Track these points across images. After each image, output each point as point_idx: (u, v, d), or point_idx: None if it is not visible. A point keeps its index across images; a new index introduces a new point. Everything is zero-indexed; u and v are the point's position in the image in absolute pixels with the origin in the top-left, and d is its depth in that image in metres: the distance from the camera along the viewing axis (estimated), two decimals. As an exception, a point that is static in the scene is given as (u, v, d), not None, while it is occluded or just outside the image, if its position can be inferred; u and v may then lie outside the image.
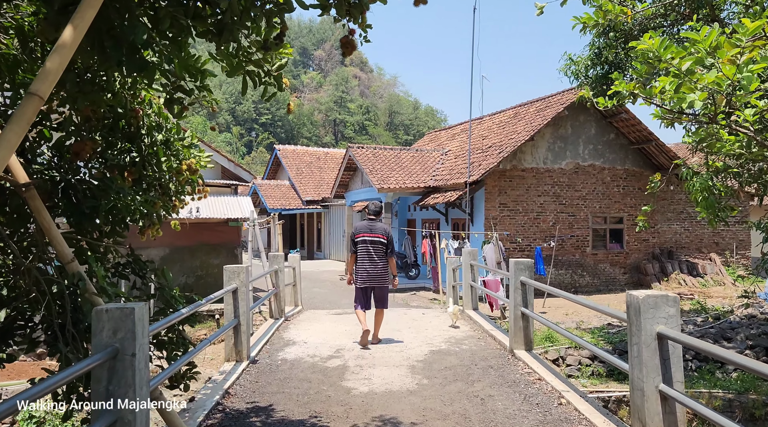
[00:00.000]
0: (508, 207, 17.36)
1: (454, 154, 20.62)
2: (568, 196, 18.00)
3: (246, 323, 6.92)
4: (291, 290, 12.83)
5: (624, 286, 18.33)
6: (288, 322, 10.08)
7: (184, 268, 15.69)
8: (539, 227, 17.72)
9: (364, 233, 7.77)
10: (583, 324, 13.36)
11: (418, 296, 17.69)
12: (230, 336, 6.89)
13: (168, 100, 4.56)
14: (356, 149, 20.53)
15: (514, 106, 20.98)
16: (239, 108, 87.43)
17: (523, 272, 7.30)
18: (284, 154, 30.60)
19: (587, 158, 18.18)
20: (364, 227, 7.84)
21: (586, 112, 18.12)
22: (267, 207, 27.41)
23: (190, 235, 15.69)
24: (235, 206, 15.49)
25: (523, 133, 17.45)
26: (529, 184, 17.59)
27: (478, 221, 17.44)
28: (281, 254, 10.21)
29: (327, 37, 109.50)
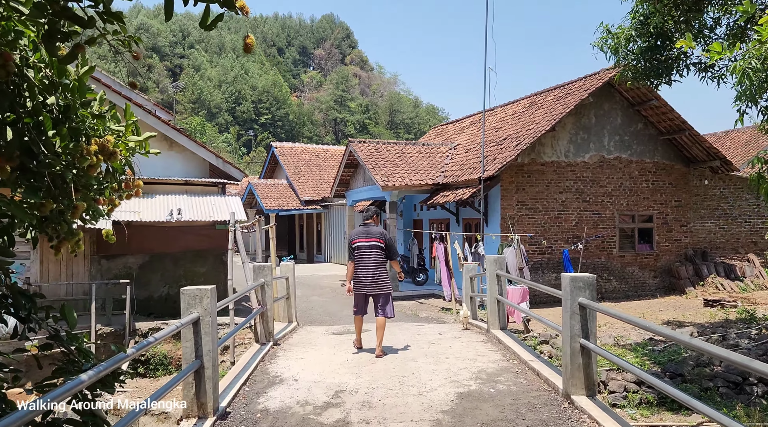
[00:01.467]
0: (526, 205, 15.50)
1: (464, 147, 18.76)
2: (593, 192, 16.13)
3: (212, 365, 5.07)
4: (284, 304, 10.99)
5: (654, 291, 16.46)
6: (277, 347, 8.22)
7: (165, 277, 13.84)
8: (561, 226, 15.85)
9: (360, 239, 7.59)
10: (622, 339, 11.50)
11: (427, 305, 15.83)
12: (190, 383, 5.03)
13: (47, 34, 2.69)
14: (357, 144, 18.68)
15: (529, 95, 19.10)
16: (239, 108, 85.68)
17: (583, 292, 5.44)
18: (282, 152, 28.75)
19: (613, 150, 16.31)
20: (360, 233, 7.65)
21: (611, 100, 16.25)
22: (263, 208, 25.57)
23: (172, 240, 13.86)
24: (223, 207, 13.66)
25: (543, 123, 15.59)
26: (550, 179, 15.73)
27: (493, 221, 15.59)
28: (269, 264, 8.36)
29: (327, 36, 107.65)
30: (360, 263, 7.54)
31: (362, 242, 7.56)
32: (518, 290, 11.59)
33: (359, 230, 7.69)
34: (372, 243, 7.53)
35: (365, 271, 7.50)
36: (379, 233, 7.60)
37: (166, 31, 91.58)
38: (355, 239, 7.61)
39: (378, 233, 7.61)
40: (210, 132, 78.96)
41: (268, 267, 8.35)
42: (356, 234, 7.66)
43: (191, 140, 15.20)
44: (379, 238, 7.56)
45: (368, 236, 7.56)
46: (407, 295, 17.14)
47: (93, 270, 13.20)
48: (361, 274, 7.53)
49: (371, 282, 7.51)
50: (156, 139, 14.93)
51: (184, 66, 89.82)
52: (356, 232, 7.71)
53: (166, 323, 12.75)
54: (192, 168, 15.34)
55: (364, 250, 7.52)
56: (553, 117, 15.45)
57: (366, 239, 7.55)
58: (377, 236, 7.56)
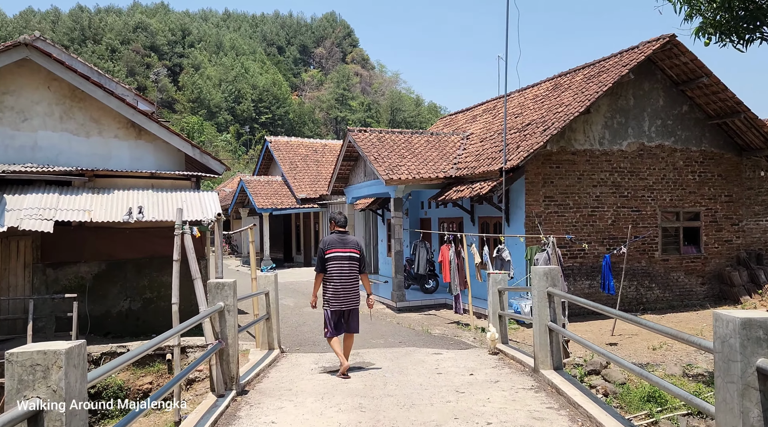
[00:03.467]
0: (555, 201, 12.99)
1: (479, 137, 16.25)
2: (631, 185, 13.62)
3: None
4: (263, 327, 8.51)
5: (703, 300, 13.93)
6: (241, 399, 5.72)
7: (127, 289, 11.35)
8: (595, 226, 13.34)
9: (336, 248, 6.88)
10: (690, 367, 8.98)
11: (439, 318, 13.31)
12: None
13: None
14: (357, 133, 16.18)
15: (552, 77, 16.58)
16: (239, 107, 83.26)
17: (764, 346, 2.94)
18: (276, 146, 26.25)
19: (654, 137, 13.79)
20: (335, 241, 6.92)
21: (652, 78, 13.72)
22: (255, 207, 23.07)
23: (135, 244, 11.37)
24: (195, 204, 11.17)
25: (574, 104, 13.07)
26: (582, 171, 13.22)
27: (515, 220, 13.08)
28: (230, 281, 5.85)
29: (327, 34, 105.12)
30: (336, 276, 6.81)
31: (338, 252, 6.83)
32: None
33: (334, 239, 6.91)
34: (348, 254, 6.86)
35: (343, 284, 6.81)
36: (355, 243, 7.04)
37: (165, 30, 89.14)
38: (331, 247, 6.84)
39: (354, 242, 7.04)
40: (209, 131, 76.55)
41: (228, 286, 5.84)
42: (331, 243, 6.88)
43: (162, 127, 12.71)
44: (355, 248, 6.97)
45: (345, 246, 6.88)
46: (415, 305, 14.65)
47: (36, 282, 10.71)
48: (337, 288, 6.81)
49: (349, 296, 6.86)
50: (121, 126, 12.52)
51: (183, 65, 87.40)
52: (330, 240, 6.91)
53: (124, 345, 10.27)
54: (165, 160, 12.87)
55: (341, 261, 6.81)
56: (586, 97, 12.93)
57: (342, 249, 6.85)
58: (354, 246, 6.97)
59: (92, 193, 10.88)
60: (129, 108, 12.36)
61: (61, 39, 77.68)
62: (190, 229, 8.72)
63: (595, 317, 12.27)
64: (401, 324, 12.51)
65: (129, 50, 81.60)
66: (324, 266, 6.86)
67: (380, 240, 20.83)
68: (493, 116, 17.28)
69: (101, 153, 12.42)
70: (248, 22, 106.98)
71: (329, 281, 6.87)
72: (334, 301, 6.88)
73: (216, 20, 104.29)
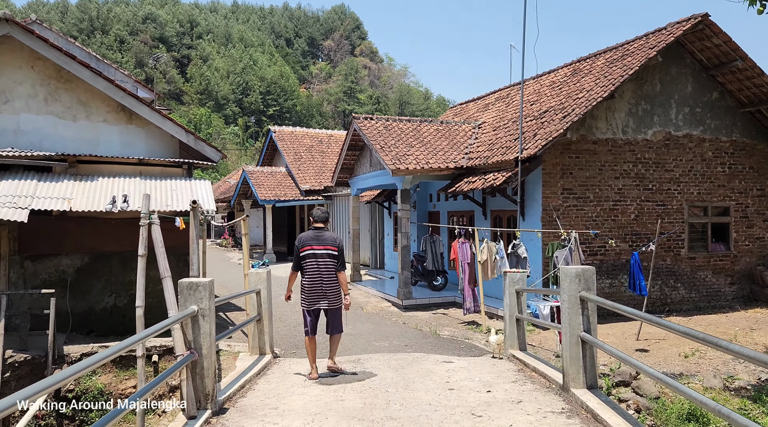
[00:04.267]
0: (574, 193, 11.98)
1: (491, 125, 15.22)
2: (656, 177, 12.58)
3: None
4: (254, 329, 7.60)
5: (732, 301, 12.90)
6: (216, 422, 4.80)
7: (112, 284, 10.47)
8: (617, 221, 12.32)
9: (312, 245, 6.60)
10: (731, 380, 7.98)
11: (448, 318, 12.36)
12: None
13: None
14: (363, 121, 15.20)
15: (571, 63, 15.51)
16: (247, 99, 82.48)
17: None
18: (280, 136, 25.31)
19: (681, 126, 12.73)
20: (310, 238, 6.65)
21: (680, 62, 12.65)
22: (258, 198, 22.16)
23: (121, 236, 10.46)
24: (186, 193, 10.25)
25: (596, 89, 12.03)
26: (604, 161, 12.19)
27: (531, 214, 12.09)
28: (205, 281, 4.92)
29: (336, 26, 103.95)
30: (310, 274, 6.60)
31: (313, 249, 6.62)
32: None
33: (309, 235, 6.72)
34: (325, 251, 6.63)
35: (316, 282, 6.59)
36: (332, 239, 6.73)
37: (174, 21, 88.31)
38: (306, 245, 6.64)
39: (331, 238, 6.73)
40: (217, 123, 75.79)
41: (203, 285, 4.91)
42: (306, 239, 6.67)
43: (154, 111, 11.78)
44: (332, 245, 6.68)
45: (321, 242, 6.65)
46: (423, 303, 13.70)
47: (13, 275, 9.84)
48: (312, 286, 6.61)
49: (324, 295, 6.61)
50: (110, 110, 11.63)
51: (192, 57, 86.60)
52: (306, 237, 6.70)
53: (106, 345, 9.39)
54: (158, 146, 11.97)
55: (317, 258, 6.60)
56: (609, 82, 11.89)
57: (318, 245, 6.63)
58: (331, 243, 6.68)
59: (74, 181, 9.98)
60: (118, 90, 11.44)
61: (69, 30, 77.04)
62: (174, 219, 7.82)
63: (616, 318, 11.27)
64: (407, 324, 11.58)
65: (137, 41, 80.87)
66: (300, 264, 6.65)
67: (386, 234, 19.89)
68: (507, 104, 16.25)
69: (89, 138, 11.52)
70: (257, 14, 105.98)
71: (305, 279, 6.64)
72: (309, 300, 6.62)
73: (224, 12, 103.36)
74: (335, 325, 6.78)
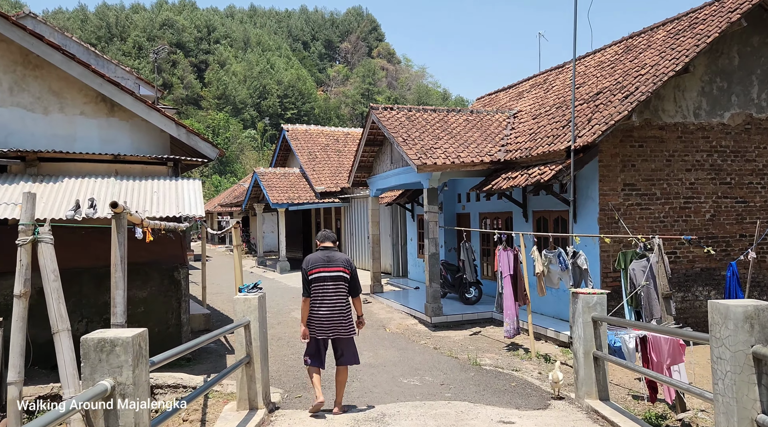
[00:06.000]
0: (637, 190, 9.82)
1: (530, 114, 13.10)
2: (735, 169, 10.37)
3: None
4: (242, 376, 5.60)
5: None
6: None
7: (82, 306, 8.56)
8: (689, 222, 10.13)
9: (320, 268, 5.79)
10: None
11: (487, 340, 10.26)
12: None
13: None
14: (383, 111, 13.18)
15: (621, 40, 13.30)
16: (264, 103, 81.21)
17: None
18: (294, 135, 23.40)
19: (765, 107, 10.50)
20: (319, 259, 5.83)
21: (762, 31, 10.42)
22: (269, 201, 20.26)
23: (94, 249, 8.55)
24: (170, 196, 8.34)
25: (664, 63, 9.86)
26: (672, 150, 10.02)
27: (585, 215, 9.95)
28: (125, 337, 2.93)
29: (353, 29, 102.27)
30: (321, 299, 5.72)
31: (323, 271, 5.76)
32: (664, 342, 5.87)
33: (318, 257, 5.84)
34: (336, 273, 5.78)
35: (328, 309, 5.71)
36: (344, 261, 5.90)
37: (191, 27, 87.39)
38: (314, 267, 5.77)
39: (343, 260, 5.90)
40: (235, 127, 74.52)
41: (126, 344, 2.89)
42: (314, 262, 5.80)
43: (139, 101, 9.88)
44: (344, 267, 5.85)
45: (331, 264, 5.79)
46: (454, 320, 11.61)
47: (-41, 298, 7.99)
48: (321, 313, 5.71)
49: (335, 324, 5.72)
50: (88, 101, 9.81)
51: (209, 62, 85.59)
52: (314, 259, 5.84)
53: (70, 385, 7.44)
54: (145, 142, 10.11)
55: (327, 282, 5.74)
56: (680, 53, 9.71)
57: (328, 267, 5.78)
58: (342, 264, 5.85)
59: (32, 182, 8.11)
60: (96, 76, 9.57)
61: (88, 37, 76.47)
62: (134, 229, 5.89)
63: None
64: (439, 349, 9.51)
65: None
66: (309, 289, 5.77)
67: (409, 239, 17.82)
68: (546, 91, 14.10)
69: (63, 133, 9.69)
70: (274, 18, 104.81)
71: (314, 305, 5.79)
72: (318, 329, 5.77)
73: (241, 16, 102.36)
74: (348, 355, 5.91)
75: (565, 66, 14.97)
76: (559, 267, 8.61)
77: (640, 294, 6.84)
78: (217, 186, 61.67)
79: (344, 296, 5.81)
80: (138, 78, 20.39)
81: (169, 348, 7.07)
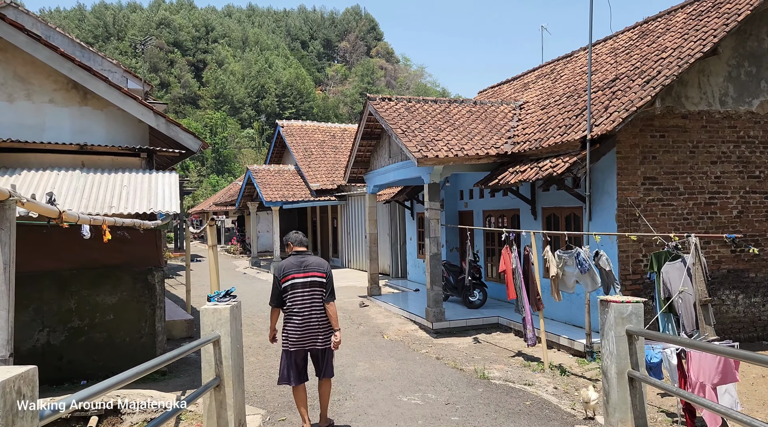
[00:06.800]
0: (658, 184, 8.90)
1: (538, 104, 12.17)
2: (764, 161, 9.46)
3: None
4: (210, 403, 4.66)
5: None
6: None
7: (44, 314, 7.60)
8: (714, 219, 9.21)
9: (295, 274, 5.29)
10: None
11: (493, 347, 9.32)
12: None
13: None
14: (380, 102, 12.25)
15: (635, 26, 12.36)
16: (262, 102, 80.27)
17: None
18: (289, 131, 22.46)
19: (797, 94, 9.58)
20: (293, 265, 5.33)
21: (793, 10, 9.49)
22: (263, 199, 19.32)
23: (56, 249, 7.62)
24: (142, 190, 7.40)
25: (689, 45, 8.94)
26: (696, 140, 9.10)
27: (601, 212, 9.03)
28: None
29: (351, 28, 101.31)
30: (297, 308, 5.22)
31: (297, 277, 5.26)
32: (712, 358, 4.92)
33: (290, 262, 5.32)
34: (311, 278, 5.29)
35: (305, 318, 5.22)
36: (318, 264, 5.38)
37: (189, 26, 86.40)
38: (287, 274, 5.26)
39: (317, 263, 5.38)
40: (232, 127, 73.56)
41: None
42: (287, 267, 5.28)
43: (113, 87, 8.96)
44: (320, 271, 5.34)
45: (306, 269, 5.30)
46: (458, 326, 10.68)
47: None
48: (299, 323, 5.21)
49: (312, 334, 5.23)
50: (59, 87, 8.92)
51: (207, 61, 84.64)
52: (286, 264, 5.31)
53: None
54: (122, 133, 9.20)
55: (303, 288, 5.25)
56: (706, 34, 8.79)
57: (303, 273, 5.28)
58: (317, 269, 5.33)
59: (-15, 174, 7.19)
60: (65, 60, 8.66)
61: (86, 37, 75.56)
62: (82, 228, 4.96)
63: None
64: (442, 360, 8.57)
65: (152, 46, 78.97)
66: (281, 298, 5.32)
67: (409, 238, 16.90)
68: (553, 80, 13.17)
69: (31, 123, 8.79)
70: (272, 17, 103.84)
71: (290, 315, 5.31)
72: (293, 338, 5.27)
73: (240, 16, 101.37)
74: (328, 368, 5.47)
75: (573, 55, 14.05)
76: (576, 269, 7.67)
77: (678, 302, 5.91)
78: (215, 185, 60.69)
79: (320, 303, 5.34)
80: (126, 71, 19.44)
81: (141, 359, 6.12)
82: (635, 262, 8.78)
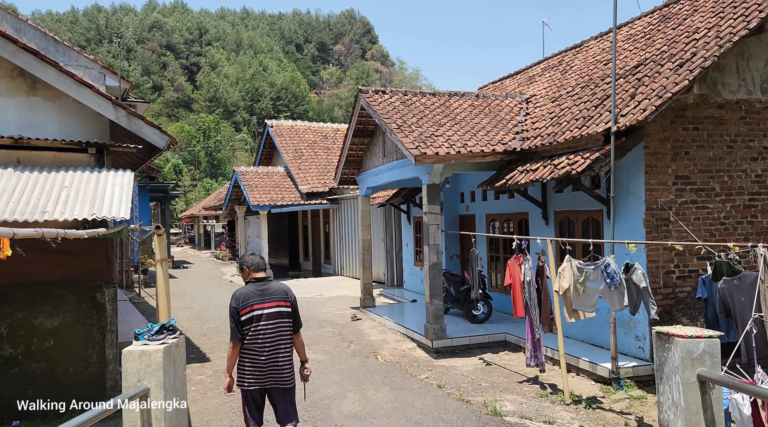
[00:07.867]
0: (692, 183, 7.69)
1: (547, 97, 10.95)
2: (810, 158, 8.24)
3: None
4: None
5: None
6: None
7: (11, 335, 6.31)
8: (755, 223, 8.00)
9: (256, 305, 4.39)
10: None
11: (502, 371, 8.05)
12: None
13: None
14: (373, 95, 11.02)
15: (653, 10, 11.17)
16: (257, 105, 78.91)
17: None
18: (278, 131, 21.19)
19: None
20: (253, 295, 4.42)
21: (842, -14, 8.29)
22: (250, 203, 18.04)
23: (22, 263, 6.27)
24: (87, 191, 6.14)
25: (727, 23, 7.73)
26: (734, 134, 7.89)
27: (626, 216, 7.79)
28: None
29: (346, 31, 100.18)
30: (259, 344, 4.36)
31: (258, 308, 4.38)
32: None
33: (249, 291, 4.41)
34: (275, 309, 4.42)
35: (267, 353, 4.37)
36: (282, 292, 4.52)
37: (182, 29, 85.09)
38: (247, 305, 4.36)
39: (280, 291, 4.52)
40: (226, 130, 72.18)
41: None
42: (245, 297, 4.38)
43: (65, 74, 7.68)
44: (284, 300, 4.49)
45: (267, 298, 4.42)
46: (461, 344, 9.41)
47: None
48: (259, 360, 4.37)
49: (275, 371, 4.39)
50: (3, 75, 7.68)
51: (201, 64, 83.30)
52: (244, 294, 4.39)
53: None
54: (78, 127, 7.92)
55: (266, 322, 4.38)
56: (749, 10, 7.59)
57: (265, 303, 4.41)
58: (281, 297, 4.48)
59: None
60: (7, 42, 7.38)
61: (78, 40, 74.14)
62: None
63: None
64: (445, 388, 7.30)
65: (145, 49, 77.69)
66: (240, 332, 4.33)
67: (405, 244, 15.63)
68: (563, 72, 11.96)
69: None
70: (266, 20, 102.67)
71: (247, 351, 4.36)
72: (252, 376, 4.34)
73: (233, 18, 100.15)
74: (291, 411, 4.56)
75: (583, 45, 12.84)
76: (603, 284, 6.41)
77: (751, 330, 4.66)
78: (209, 189, 59.31)
79: (287, 335, 4.50)
80: (103, 67, 18.11)
81: (88, 391, 4.84)
82: (666, 273, 7.56)
